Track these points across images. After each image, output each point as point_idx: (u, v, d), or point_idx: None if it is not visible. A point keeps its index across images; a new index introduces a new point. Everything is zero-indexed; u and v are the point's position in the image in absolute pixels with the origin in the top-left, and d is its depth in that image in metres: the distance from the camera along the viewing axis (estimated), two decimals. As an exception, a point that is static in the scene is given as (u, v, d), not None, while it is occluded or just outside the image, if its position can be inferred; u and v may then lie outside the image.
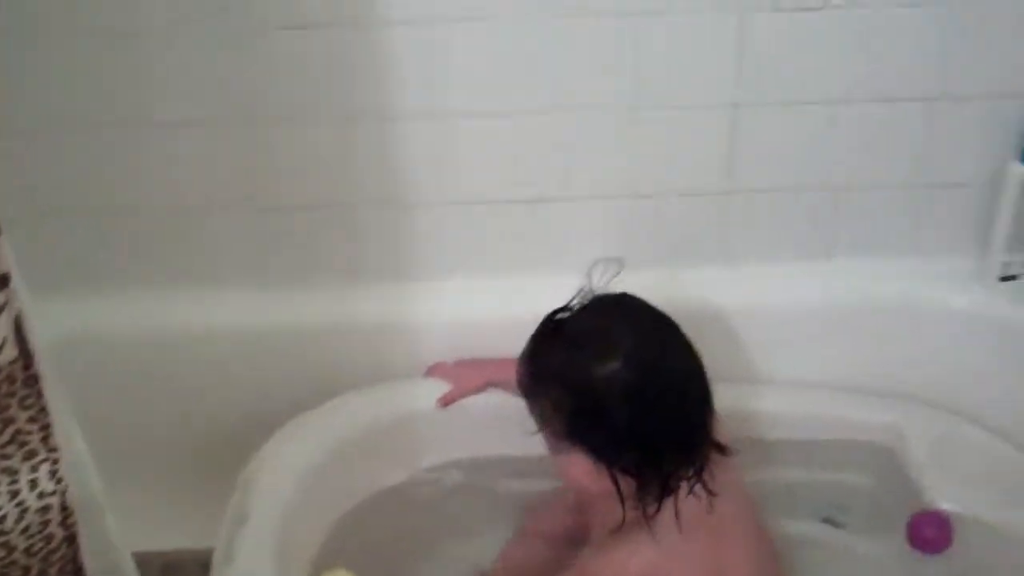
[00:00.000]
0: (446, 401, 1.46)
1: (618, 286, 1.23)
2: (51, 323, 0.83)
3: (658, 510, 1.16)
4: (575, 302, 1.23)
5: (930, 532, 1.33)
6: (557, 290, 1.49)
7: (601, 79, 1.43)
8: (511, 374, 1.45)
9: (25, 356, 0.75)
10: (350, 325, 1.54)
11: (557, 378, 1.17)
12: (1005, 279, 1.50)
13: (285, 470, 1.35)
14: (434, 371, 1.51)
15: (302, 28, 1.38)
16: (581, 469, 1.17)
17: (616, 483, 1.15)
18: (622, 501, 1.15)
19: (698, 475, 1.16)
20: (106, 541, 0.84)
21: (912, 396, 1.52)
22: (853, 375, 1.55)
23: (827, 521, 1.50)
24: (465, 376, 1.48)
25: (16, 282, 0.73)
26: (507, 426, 1.46)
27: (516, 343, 1.48)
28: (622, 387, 1.13)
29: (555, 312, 1.23)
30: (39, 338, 0.76)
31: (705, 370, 1.18)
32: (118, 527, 0.84)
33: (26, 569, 0.81)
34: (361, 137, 1.46)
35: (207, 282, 1.54)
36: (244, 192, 1.49)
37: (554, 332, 1.21)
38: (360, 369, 1.50)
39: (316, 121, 1.45)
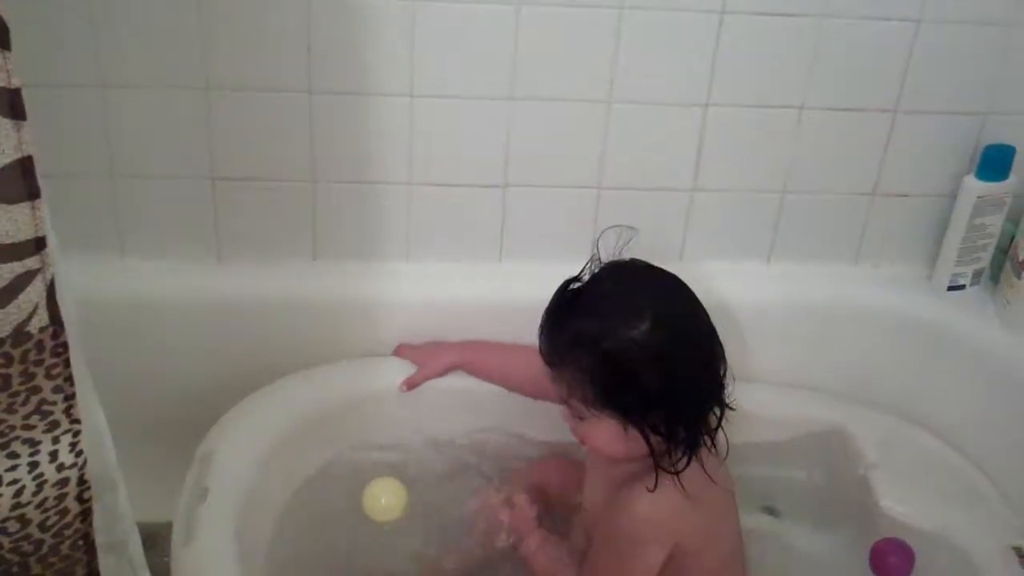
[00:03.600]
0: (410, 384, 1.45)
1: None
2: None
3: (687, 464, 1.19)
4: (585, 272, 1.23)
5: (893, 559, 1.34)
6: (518, 276, 1.53)
7: (579, 71, 1.44)
8: (476, 356, 1.47)
9: (55, 323, 0.73)
10: (312, 301, 1.52)
11: (586, 346, 1.17)
12: (952, 289, 1.56)
13: (244, 444, 1.33)
14: (401, 351, 1.50)
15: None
16: (609, 434, 1.19)
17: (649, 443, 1.17)
18: (655, 460, 1.18)
19: (716, 428, 1.21)
20: (116, 515, 0.82)
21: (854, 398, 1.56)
22: (794, 376, 1.59)
23: (767, 511, 1.53)
24: (431, 358, 1.47)
25: (52, 246, 0.71)
26: (468, 409, 1.50)
27: (480, 327, 1.51)
28: (654, 348, 1.15)
29: (569, 281, 1.23)
30: (70, 305, 0.74)
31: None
32: (128, 501, 0.83)
33: (39, 543, 0.79)
34: (331, 112, 1.44)
35: (164, 251, 1.51)
36: (204, 161, 1.46)
37: (575, 300, 1.21)
38: (321, 347, 1.49)
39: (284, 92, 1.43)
